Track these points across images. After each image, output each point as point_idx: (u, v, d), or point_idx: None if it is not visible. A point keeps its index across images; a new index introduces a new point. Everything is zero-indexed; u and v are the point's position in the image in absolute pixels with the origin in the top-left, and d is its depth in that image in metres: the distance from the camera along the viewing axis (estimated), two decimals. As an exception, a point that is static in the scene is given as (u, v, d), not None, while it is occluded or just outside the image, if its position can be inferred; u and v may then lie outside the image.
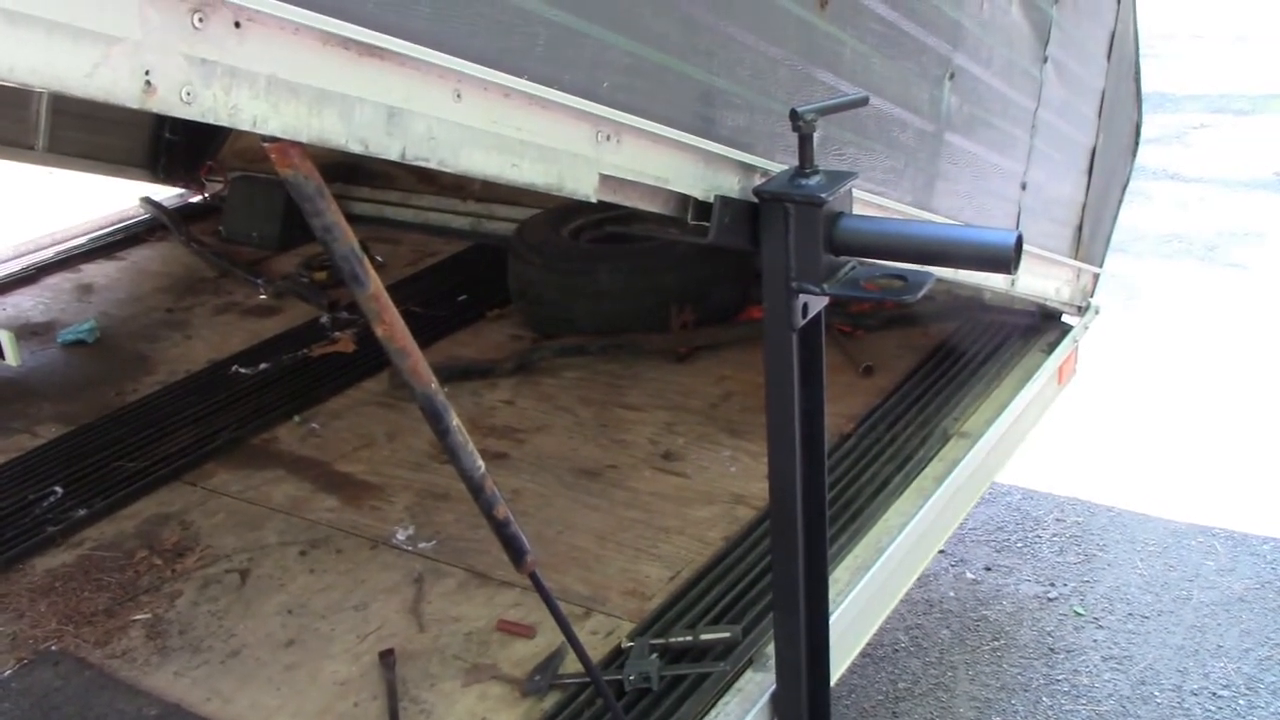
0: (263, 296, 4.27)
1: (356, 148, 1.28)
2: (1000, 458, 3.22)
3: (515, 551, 1.78)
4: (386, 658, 2.36)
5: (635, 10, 1.62)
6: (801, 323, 1.80)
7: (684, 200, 1.81)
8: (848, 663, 2.52)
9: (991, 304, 3.65)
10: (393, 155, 1.33)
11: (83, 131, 4.74)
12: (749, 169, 1.87)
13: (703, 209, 1.81)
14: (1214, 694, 3.49)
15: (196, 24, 1.09)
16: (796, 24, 1.97)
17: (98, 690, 2.34)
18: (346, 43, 1.23)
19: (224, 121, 1.15)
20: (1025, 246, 1.70)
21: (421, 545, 2.76)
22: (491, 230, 4.68)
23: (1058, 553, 4.19)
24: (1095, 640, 3.75)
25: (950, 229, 1.88)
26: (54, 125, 4.58)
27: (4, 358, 3.50)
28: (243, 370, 3.69)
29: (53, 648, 2.48)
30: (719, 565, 2.60)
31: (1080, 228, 3.56)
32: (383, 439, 3.25)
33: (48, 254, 4.73)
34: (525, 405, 3.40)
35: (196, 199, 5.18)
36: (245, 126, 1.17)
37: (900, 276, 1.78)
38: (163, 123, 4.91)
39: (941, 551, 4.05)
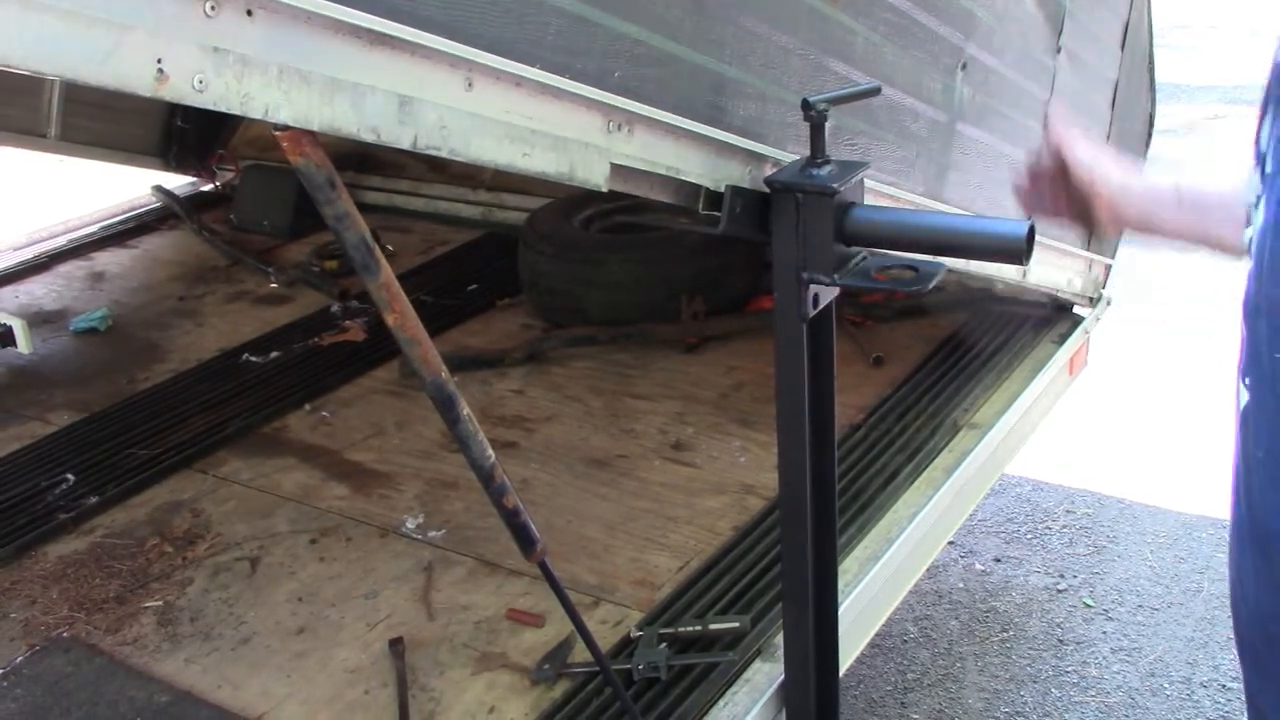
0: (274, 285, 4.27)
1: (368, 136, 1.28)
2: (1010, 449, 3.22)
3: (524, 540, 1.78)
4: (396, 646, 2.37)
5: (647, -1, 1.61)
6: (812, 313, 1.80)
7: (695, 190, 1.80)
8: (856, 653, 2.52)
9: (1003, 295, 3.64)
10: (404, 144, 1.33)
11: (94, 120, 4.74)
12: (760, 159, 1.86)
13: (714, 199, 1.81)
14: (1223, 686, 3.48)
15: (209, 12, 1.09)
16: (809, 13, 1.96)
17: (109, 677, 2.35)
18: (358, 31, 1.23)
19: (236, 110, 1.15)
20: (1037, 237, 1.69)
21: (431, 534, 2.76)
22: (502, 219, 4.67)
23: (1067, 544, 4.18)
24: (1105, 632, 3.75)
25: (962, 219, 1.87)
26: (66, 113, 4.58)
27: (16, 345, 3.51)
28: (253, 358, 3.70)
29: (64, 634, 2.49)
30: (728, 555, 2.60)
31: (1092, 219, 3.54)
32: (393, 428, 3.26)
33: (59, 242, 4.73)
34: (535, 395, 3.40)
35: (208, 187, 5.18)
36: (257, 115, 1.17)
37: (911, 267, 1.78)
38: (174, 111, 4.91)
39: (951, 543, 4.04)
